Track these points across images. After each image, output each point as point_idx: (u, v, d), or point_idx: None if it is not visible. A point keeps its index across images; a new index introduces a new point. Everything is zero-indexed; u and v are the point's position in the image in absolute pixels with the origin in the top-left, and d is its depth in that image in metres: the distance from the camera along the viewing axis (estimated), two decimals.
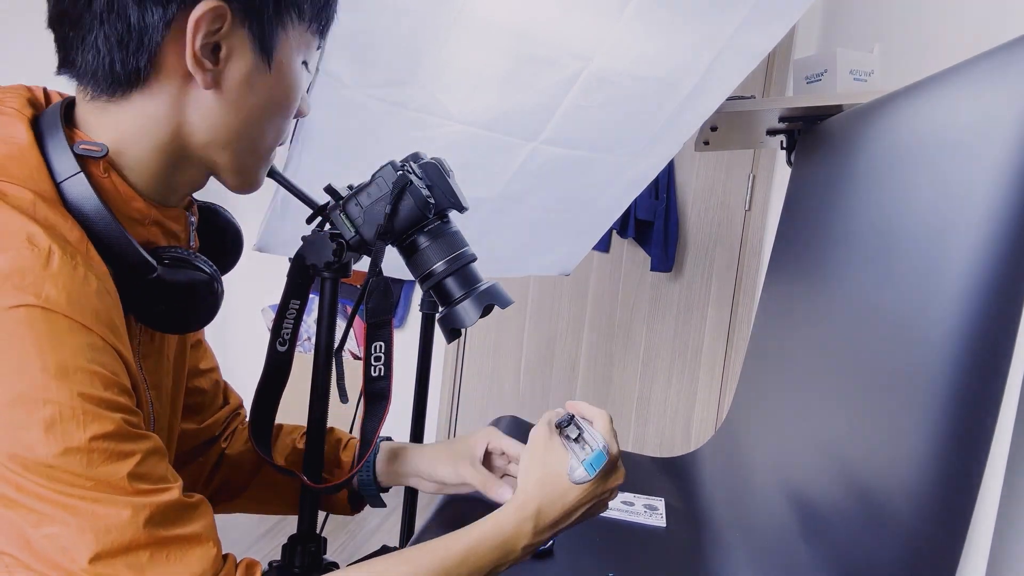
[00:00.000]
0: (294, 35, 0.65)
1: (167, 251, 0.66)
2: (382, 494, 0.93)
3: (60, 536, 0.51)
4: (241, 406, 0.95)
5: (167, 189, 0.66)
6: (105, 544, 0.51)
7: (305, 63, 0.69)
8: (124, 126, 0.62)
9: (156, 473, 0.56)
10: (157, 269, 0.63)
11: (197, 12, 0.58)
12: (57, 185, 0.59)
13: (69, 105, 0.64)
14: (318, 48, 0.71)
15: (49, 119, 0.61)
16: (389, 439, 0.96)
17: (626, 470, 0.78)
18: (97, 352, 0.54)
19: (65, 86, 0.66)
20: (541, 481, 0.72)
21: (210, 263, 0.69)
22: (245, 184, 0.70)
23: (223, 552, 0.60)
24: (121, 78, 0.60)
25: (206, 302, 0.68)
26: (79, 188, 0.59)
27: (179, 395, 0.80)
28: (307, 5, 0.65)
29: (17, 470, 0.51)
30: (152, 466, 0.56)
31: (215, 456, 0.91)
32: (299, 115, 0.72)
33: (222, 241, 0.77)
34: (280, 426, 0.93)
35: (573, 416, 0.74)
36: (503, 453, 0.92)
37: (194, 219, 0.72)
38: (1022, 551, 0.72)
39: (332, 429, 0.93)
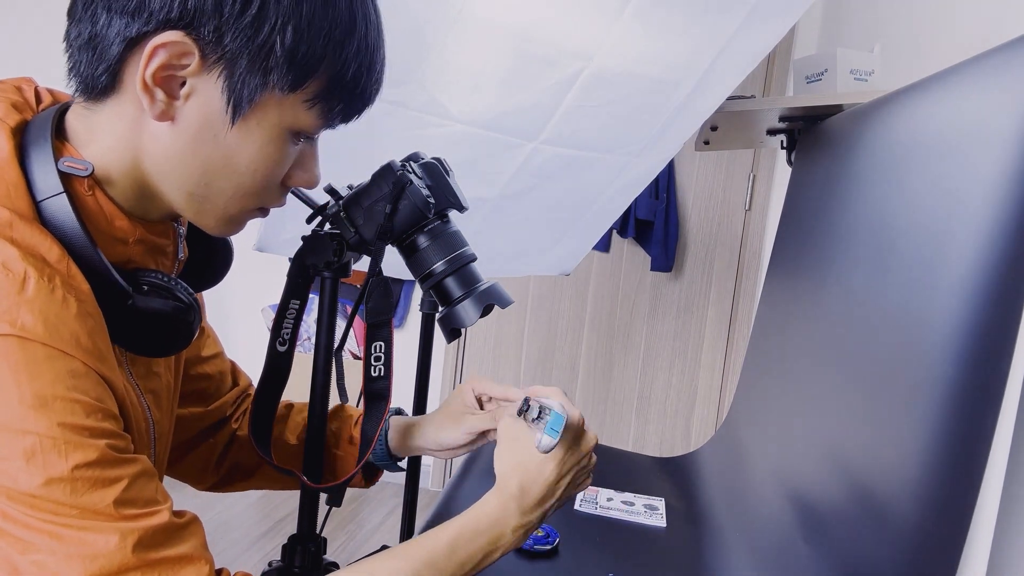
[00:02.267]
0: (284, 102, 0.60)
1: (147, 276, 0.63)
2: (398, 462, 0.93)
3: (48, 563, 0.51)
4: (251, 386, 0.95)
5: (148, 207, 0.64)
6: (93, 570, 0.51)
7: (305, 135, 0.64)
8: (98, 137, 0.60)
9: (144, 496, 0.55)
10: (132, 297, 0.61)
11: (157, 40, 0.55)
12: (37, 204, 0.57)
13: (65, 109, 0.63)
14: (327, 126, 0.65)
15: (37, 129, 0.59)
16: (400, 411, 0.95)
17: (626, 470, 0.78)
18: (78, 379, 0.53)
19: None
20: (515, 462, 0.72)
21: (189, 291, 0.66)
22: (205, 227, 0.66)
23: (216, 567, 0.59)
24: (88, 83, 0.59)
25: (180, 331, 0.66)
26: (59, 208, 0.57)
27: (176, 387, 0.80)
28: (292, 76, 0.58)
29: (2, 499, 0.50)
30: (139, 490, 0.55)
31: (226, 437, 0.90)
32: (307, 186, 0.68)
33: (211, 251, 0.75)
34: (291, 404, 0.93)
35: (528, 399, 0.74)
36: (490, 399, 0.90)
37: (183, 229, 0.70)
38: (1022, 551, 0.72)
39: (343, 406, 0.92)
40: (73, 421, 0.52)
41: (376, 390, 0.81)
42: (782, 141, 1.43)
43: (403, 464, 0.93)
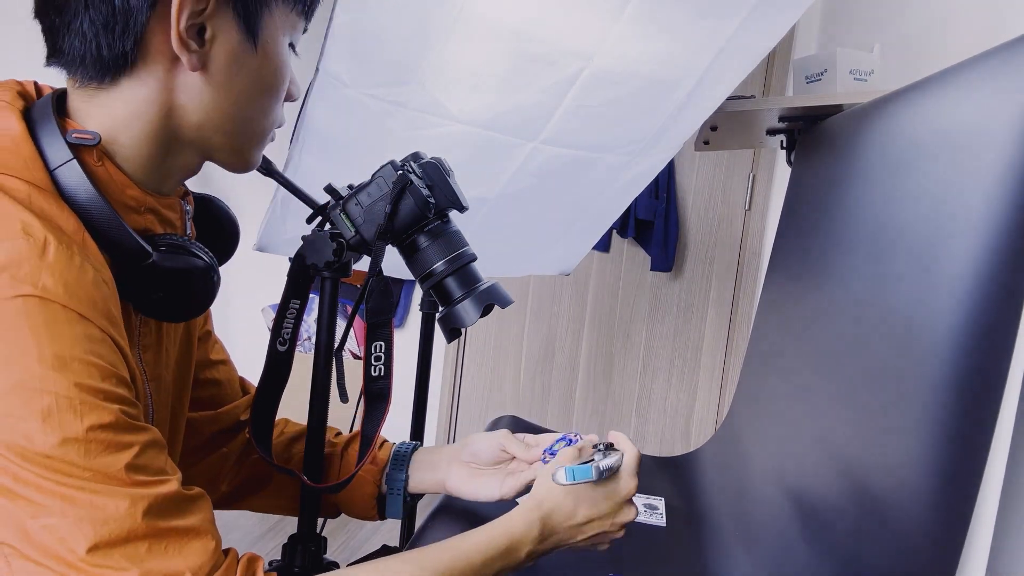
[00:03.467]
0: (279, 15, 0.65)
1: (163, 238, 0.66)
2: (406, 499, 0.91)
3: (58, 527, 0.51)
4: None
5: (161, 176, 0.66)
6: (103, 535, 0.52)
7: (292, 45, 0.69)
8: (115, 112, 0.62)
9: (155, 465, 0.56)
10: (152, 255, 0.63)
11: None
12: (51, 174, 0.59)
13: (61, 96, 0.65)
14: (304, 31, 0.71)
15: (40, 110, 0.61)
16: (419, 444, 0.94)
17: None
18: (94, 343, 0.54)
19: (55, 79, 0.66)
20: (559, 489, 0.74)
21: (207, 250, 0.69)
22: (241, 164, 0.70)
23: (225, 547, 0.59)
24: (108, 63, 0.60)
25: (203, 289, 0.68)
26: (73, 176, 0.59)
27: (185, 388, 0.81)
28: None
29: (15, 460, 0.51)
30: (151, 458, 0.56)
31: (239, 446, 0.90)
32: (289, 99, 0.72)
33: (219, 231, 0.77)
34: (286, 420, 0.94)
35: (610, 444, 0.76)
36: (513, 458, 0.89)
37: (190, 208, 0.72)
38: (1022, 551, 0.72)
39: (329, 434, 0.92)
40: (90, 383, 0.53)
41: (376, 390, 0.81)
42: (782, 141, 1.43)
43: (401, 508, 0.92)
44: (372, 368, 0.80)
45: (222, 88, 0.63)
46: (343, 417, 1.04)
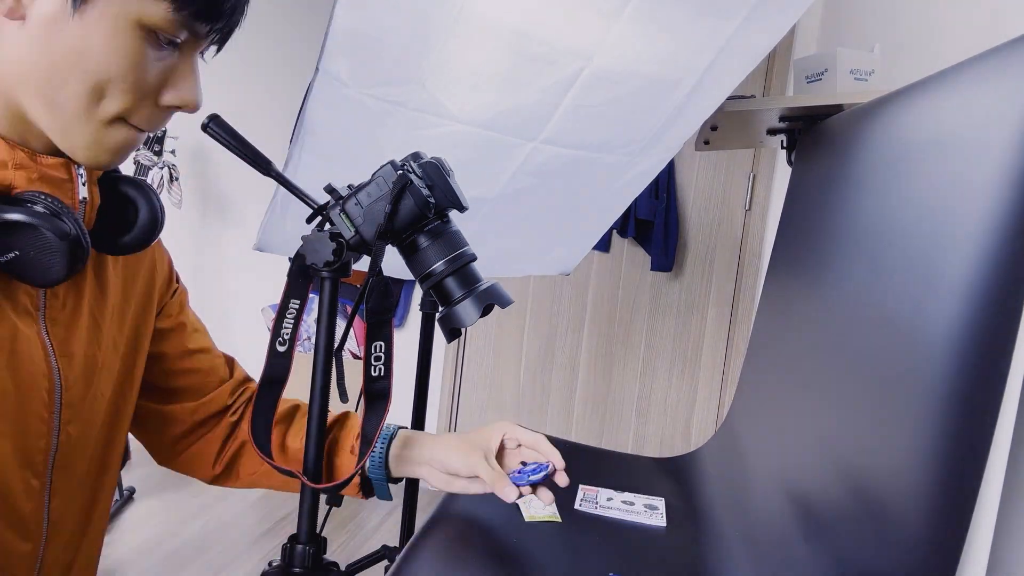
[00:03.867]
0: None
1: (34, 196, 0.62)
2: (390, 485, 0.92)
3: None
4: (249, 379, 0.95)
5: (24, 131, 0.63)
6: None
7: (166, 38, 0.62)
8: None
9: None
10: None
11: None
12: None
13: None
14: (193, 32, 0.63)
15: None
16: (404, 427, 0.95)
17: (626, 470, 0.78)
18: None
19: None
20: None
21: (77, 222, 0.63)
22: (76, 152, 0.64)
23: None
24: None
25: (55, 249, 0.62)
26: None
27: (132, 373, 0.81)
28: None
29: None
30: None
31: (224, 430, 0.91)
32: (182, 106, 0.66)
33: (122, 214, 0.73)
34: (297, 407, 0.94)
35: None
36: (518, 445, 0.91)
37: (83, 174, 0.68)
38: (1022, 551, 0.72)
39: (348, 415, 0.93)
40: None
41: (376, 390, 0.81)
42: (782, 141, 1.43)
43: (389, 489, 0.93)
44: (372, 368, 0.80)
45: (38, 44, 0.59)
46: None
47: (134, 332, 0.81)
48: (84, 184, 0.68)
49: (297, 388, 0.85)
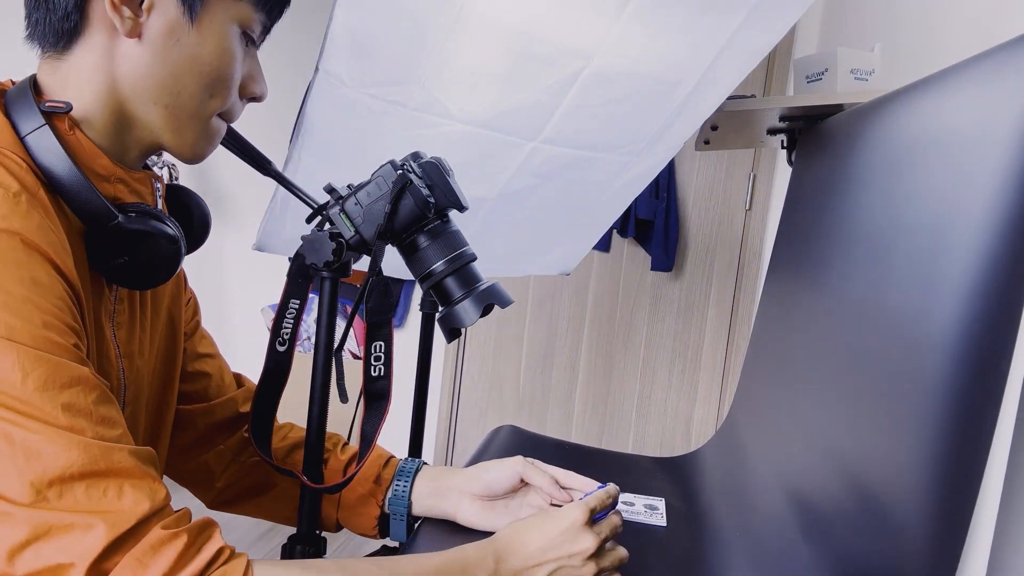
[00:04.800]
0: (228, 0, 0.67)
1: (133, 205, 0.68)
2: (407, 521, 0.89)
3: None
4: None
5: (122, 148, 0.68)
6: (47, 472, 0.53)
7: (251, 39, 0.70)
8: (72, 80, 0.65)
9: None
10: (118, 217, 0.65)
11: None
12: (21, 140, 0.61)
13: (36, 80, 0.67)
14: (267, 30, 0.72)
15: (16, 89, 0.64)
16: (427, 463, 0.93)
17: (626, 470, 0.77)
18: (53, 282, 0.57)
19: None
20: (518, 525, 0.73)
21: (175, 222, 0.71)
22: (185, 149, 0.71)
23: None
24: (59, 28, 0.63)
25: (166, 255, 0.69)
26: (44, 141, 0.61)
27: (171, 380, 0.82)
28: None
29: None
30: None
31: (236, 443, 0.91)
32: (253, 98, 0.74)
33: (188, 219, 0.78)
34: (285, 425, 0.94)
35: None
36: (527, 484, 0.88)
37: (159, 185, 0.74)
38: (1022, 551, 0.72)
39: (331, 437, 0.92)
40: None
41: (376, 390, 0.81)
42: (782, 141, 1.43)
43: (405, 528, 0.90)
44: (372, 368, 0.80)
45: (158, 58, 0.65)
46: (343, 417, 1.04)
47: (170, 331, 0.81)
48: (160, 199, 0.75)
49: (297, 388, 0.85)
